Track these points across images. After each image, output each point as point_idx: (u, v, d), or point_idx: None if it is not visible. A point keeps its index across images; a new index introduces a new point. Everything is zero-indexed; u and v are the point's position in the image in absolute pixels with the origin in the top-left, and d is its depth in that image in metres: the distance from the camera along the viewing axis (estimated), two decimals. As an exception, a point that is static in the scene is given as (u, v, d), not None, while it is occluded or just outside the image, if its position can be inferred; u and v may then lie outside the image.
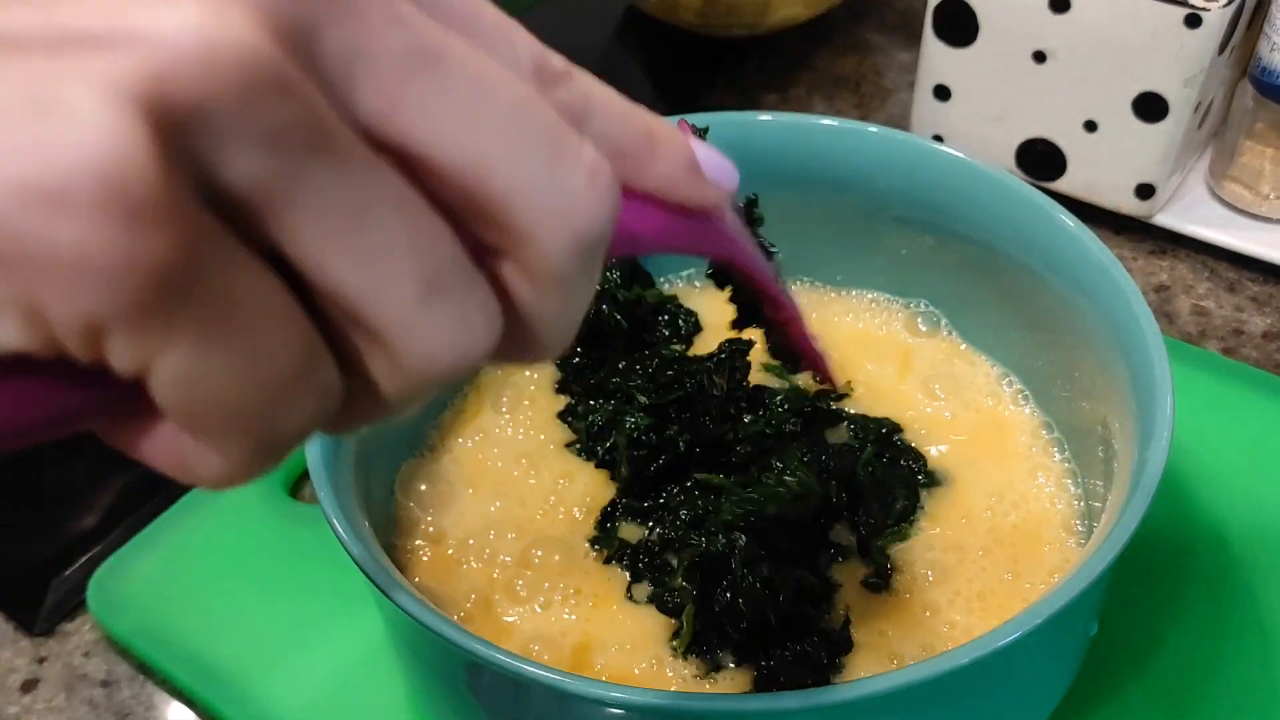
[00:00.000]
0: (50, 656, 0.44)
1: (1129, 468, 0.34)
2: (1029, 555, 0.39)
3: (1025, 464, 0.42)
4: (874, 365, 0.45)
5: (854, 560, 0.39)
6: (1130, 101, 0.53)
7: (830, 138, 0.45)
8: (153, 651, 0.43)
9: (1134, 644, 0.40)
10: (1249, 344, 0.53)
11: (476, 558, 0.40)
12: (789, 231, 0.47)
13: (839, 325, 0.47)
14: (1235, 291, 0.55)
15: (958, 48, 0.57)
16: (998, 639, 0.29)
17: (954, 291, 0.46)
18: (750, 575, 0.36)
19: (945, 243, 0.45)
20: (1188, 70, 0.51)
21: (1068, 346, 0.41)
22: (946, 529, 0.40)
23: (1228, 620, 0.41)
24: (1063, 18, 0.53)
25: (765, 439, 0.41)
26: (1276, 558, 0.42)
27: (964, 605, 0.38)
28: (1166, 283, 0.56)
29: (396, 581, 0.32)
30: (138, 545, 0.46)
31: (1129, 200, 0.56)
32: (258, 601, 0.44)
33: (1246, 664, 0.40)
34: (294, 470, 0.48)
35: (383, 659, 0.41)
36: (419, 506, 0.42)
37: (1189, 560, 0.43)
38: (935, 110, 0.59)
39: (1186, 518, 0.44)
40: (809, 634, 0.36)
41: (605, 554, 0.40)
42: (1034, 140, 0.57)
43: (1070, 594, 0.29)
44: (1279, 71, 0.53)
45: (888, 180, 0.45)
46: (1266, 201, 0.56)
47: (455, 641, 0.30)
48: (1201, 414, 0.46)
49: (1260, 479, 0.45)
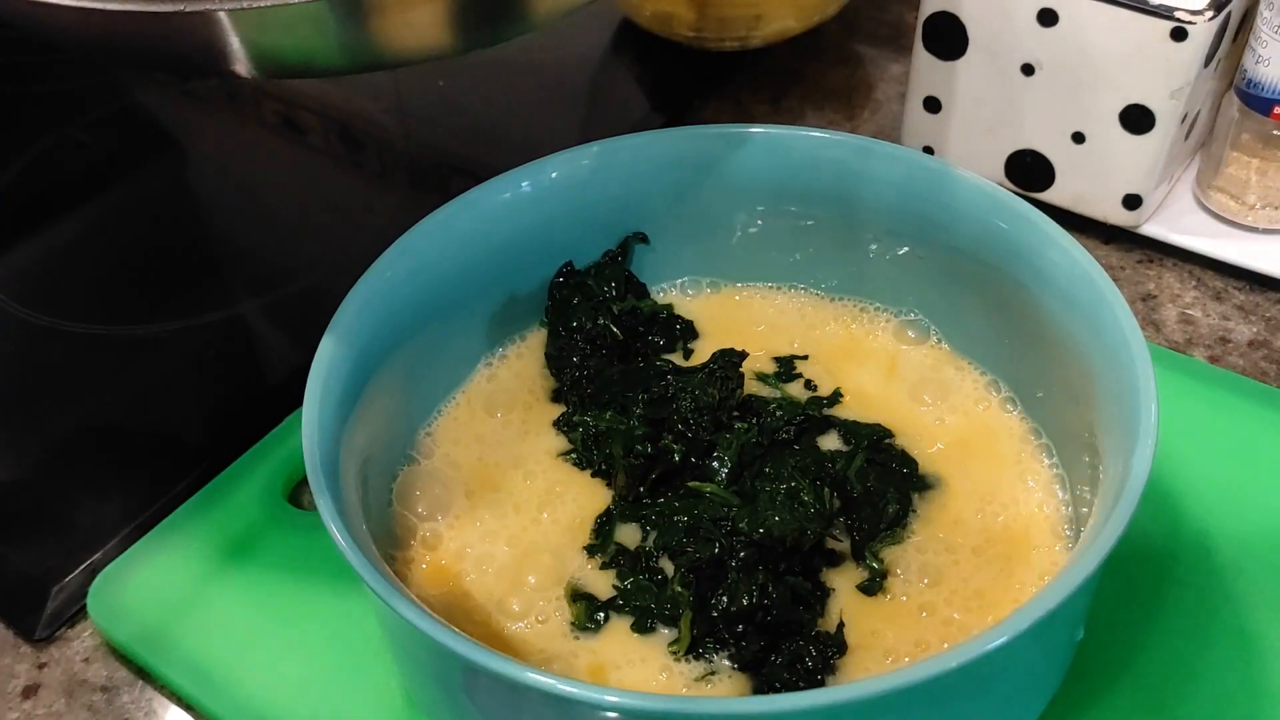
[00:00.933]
0: (50, 662, 0.45)
1: (1114, 475, 0.35)
2: (1020, 557, 0.40)
3: (1014, 469, 0.42)
4: (863, 372, 0.46)
5: (848, 564, 0.40)
6: (1117, 114, 0.54)
7: (821, 149, 0.46)
8: (152, 657, 0.43)
9: (1119, 649, 0.41)
10: (1235, 352, 0.54)
11: (473, 567, 0.40)
12: (780, 240, 0.48)
13: (828, 333, 0.48)
14: (1222, 300, 0.56)
15: (947, 60, 0.57)
16: (983, 645, 0.29)
17: (943, 300, 0.46)
18: (746, 580, 0.37)
19: (934, 252, 0.45)
20: (1174, 83, 0.52)
21: (1054, 355, 0.41)
22: (938, 531, 0.41)
23: (1212, 626, 0.41)
24: (1050, 31, 0.53)
25: (759, 447, 0.42)
26: (1261, 564, 0.43)
27: (961, 604, 0.38)
28: (1154, 291, 0.57)
29: (394, 589, 0.32)
30: (138, 552, 0.46)
31: (1117, 211, 0.57)
32: (257, 608, 0.44)
33: (1230, 669, 0.40)
34: (293, 477, 0.48)
35: (381, 666, 0.41)
36: (415, 515, 0.42)
37: (1174, 566, 0.43)
38: (925, 122, 0.60)
39: (1172, 524, 0.44)
40: (804, 637, 0.37)
41: (601, 560, 0.40)
42: (1023, 151, 0.58)
43: (1054, 600, 0.30)
44: (1264, 84, 0.53)
45: (878, 191, 0.45)
46: (1252, 211, 0.57)
47: (452, 647, 0.30)
48: (1187, 421, 0.47)
49: (1245, 486, 0.45)
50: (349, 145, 0.69)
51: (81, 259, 0.63)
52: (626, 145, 0.46)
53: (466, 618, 0.39)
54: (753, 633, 0.37)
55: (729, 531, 0.38)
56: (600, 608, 0.39)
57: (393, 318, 0.42)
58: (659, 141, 0.46)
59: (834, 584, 0.39)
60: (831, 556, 0.40)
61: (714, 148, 0.47)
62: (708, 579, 0.38)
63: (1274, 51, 0.52)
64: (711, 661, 0.37)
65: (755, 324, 0.48)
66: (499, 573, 0.40)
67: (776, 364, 0.46)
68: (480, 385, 0.46)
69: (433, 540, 0.41)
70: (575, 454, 0.43)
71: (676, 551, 0.39)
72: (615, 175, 0.46)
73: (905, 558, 0.40)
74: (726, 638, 0.37)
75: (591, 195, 0.46)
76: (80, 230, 0.65)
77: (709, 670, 0.37)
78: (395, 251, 0.42)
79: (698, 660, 0.37)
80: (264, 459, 0.49)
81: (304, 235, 0.63)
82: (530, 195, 0.45)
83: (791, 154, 0.46)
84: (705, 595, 0.37)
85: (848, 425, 0.43)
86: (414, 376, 0.44)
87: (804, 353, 0.47)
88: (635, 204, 0.47)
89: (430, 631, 0.31)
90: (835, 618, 0.38)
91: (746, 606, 0.36)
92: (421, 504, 0.42)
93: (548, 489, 0.43)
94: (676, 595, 0.38)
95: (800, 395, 0.45)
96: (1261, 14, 0.52)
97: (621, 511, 0.41)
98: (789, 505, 0.39)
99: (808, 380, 0.46)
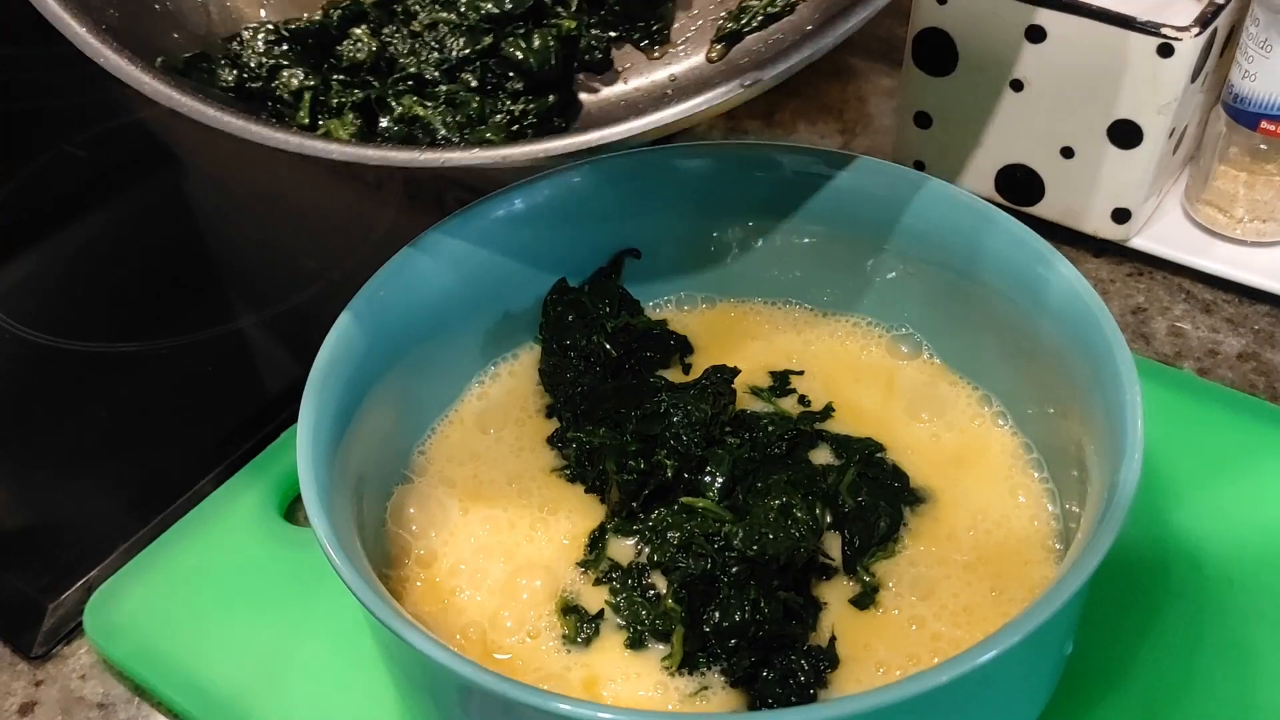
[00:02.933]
0: (47, 680, 0.45)
1: (1102, 489, 0.35)
2: (1011, 573, 0.40)
3: (1006, 484, 0.43)
4: (857, 387, 0.46)
5: (840, 578, 0.40)
6: (1105, 129, 0.54)
7: (814, 165, 0.46)
8: (149, 674, 0.43)
9: (1110, 661, 0.41)
10: (1224, 364, 0.54)
11: (468, 584, 0.41)
12: (774, 256, 0.48)
13: (822, 349, 0.48)
14: (1211, 313, 0.57)
15: (938, 76, 0.58)
16: (972, 659, 0.30)
17: (935, 316, 0.47)
18: (738, 596, 0.37)
19: (926, 268, 0.46)
20: (1161, 98, 0.53)
21: (1044, 370, 0.42)
22: (930, 545, 0.41)
23: (1202, 638, 0.42)
24: (1038, 47, 0.54)
25: (751, 462, 0.42)
26: (1250, 576, 0.43)
27: (951, 618, 0.39)
28: (1144, 304, 0.57)
29: (389, 606, 0.33)
30: (134, 569, 0.46)
31: (1106, 224, 0.57)
32: (253, 624, 0.44)
33: (1221, 680, 0.41)
34: (289, 493, 0.49)
35: (378, 683, 0.42)
36: (409, 533, 0.42)
37: (1164, 579, 0.43)
38: (916, 137, 0.60)
39: (1162, 537, 0.45)
40: (796, 652, 0.37)
41: (594, 576, 0.41)
42: (1013, 166, 0.58)
43: (1042, 615, 0.30)
44: (1250, 98, 0.54)
45: (870, 208, 0.46)
46: (1241, 224, 0.57)
47: (447, 665, 0.31)
48: (1177, 434, 0.47)
49: (1234, 498, 0.46)
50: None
51: (77, 276, 0.63)
52: (619, 163, 0.46)
53: (462, 633, 0.39)
54: (745, 648, 0.37)
55: (722, 547, 0.39)
56: (589, 620, 0.39)
57: (387, 336, 0.42)
58: (651, 158, 0.47)
59: (826, 598, 0.40)
60: (824, 570, 0.40)
61: (706, 164, 0.47)
62: (700, 594, 0.38)
63: (1260, 66, 0.53)
64: (704, 676, 0.38)
65: (751, 339, 0.48)
66: (493, 589, 0.41)
67: (771, 378, 0.47)
68: (473, 403, 0.46)
69: (427, 558, 0.42)
70: (569, 470, 0.44)
71: (669, 567, 0.39)
72: (608, 192, 0.46)
73: (897, 571, 0.40)
74: (719, 653, 0.37)
75: (585, 212, 0.46)
76: (76, 247, 0.65)
77: (702, 685, 0.37)
78: (389, 270, 0.43)
79: (691, 676, 0.38)
80: (259, 475, 0.49)
81: (299, 251, 0.63)
82: (523, 213, 0.45)
83: (783, 171, 0.47)
84: (698, 611, 0.38)
85: (840, 440, 0.44)
86: (408, 394, 0.44)
87: (799, 368, 0.47)
88: (628, 221, 0.47)
89: (425, 650, 0.31)
90: (827, 632, 0.38)
91: (739, 622, 0.37)
92: (416, 521, 0.43)
93: (541, 505, 0.43)
94: (669, 611, 0.38)
95: (793, 409, 0.45)
96: (1247, 29, 0.53)
97: (615, 527, 0.41)
98: (782, 522, 0.39)
99: (801, 395, 0.46)
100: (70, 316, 0.60)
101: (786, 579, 0.39)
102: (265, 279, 0.62)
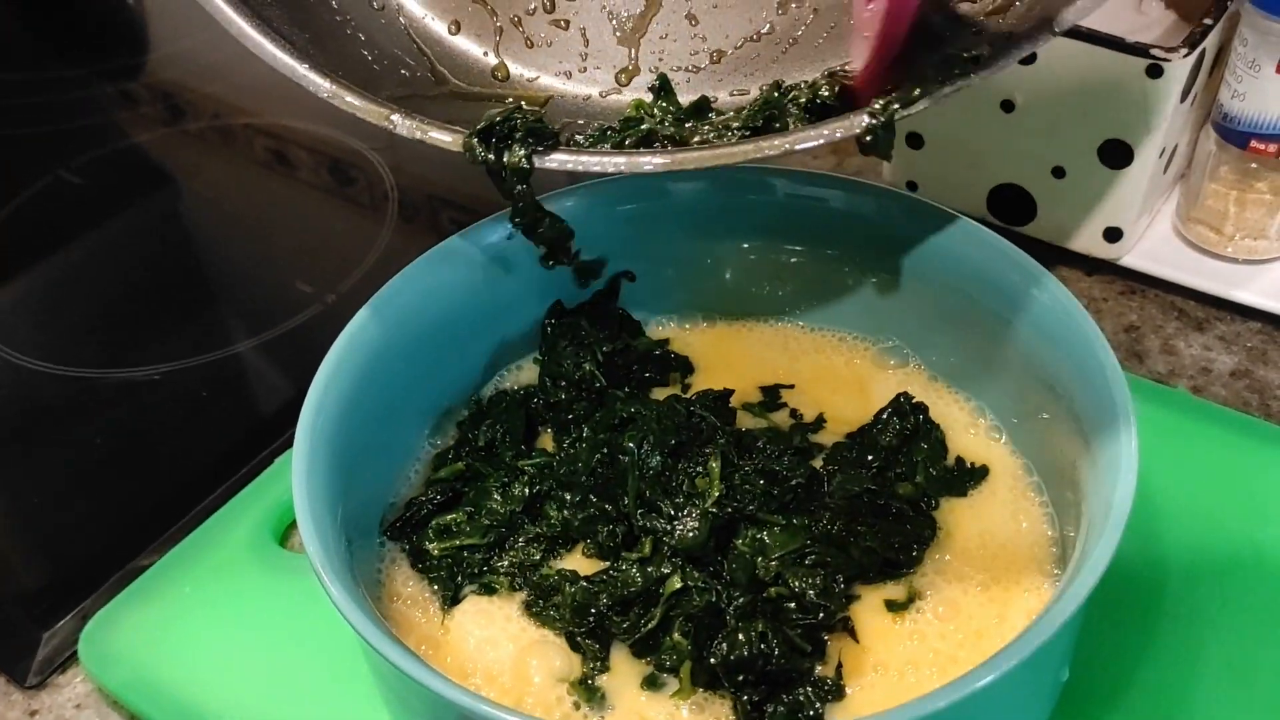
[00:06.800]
0: (42, 709, 0.45)
1: (1095, 510, 0.35)
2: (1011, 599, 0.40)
3: (1009, 507, 0.42)
4: (844, 400, 0.46)
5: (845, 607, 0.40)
6: (1096, 149, 0.55)
7: (805, 186, 0.46)
8: (144, 704, 0.43)
9: (1108, 680, 0.41)
10: (1217, 382, 0.54)
11: (465, 601, 0.41)
12: (766, 275, 0.49)
13: (810, 363, 0.48)
14: (1203, 331, 0.57)
15: (929, 97, 0.58)
16: (968, 685, 0.30)
17: (926, 333, 0.47)
18: (745, 629, 0.37)
19: (918, 287, 0.46)
20: (1151, 118, 0.53)
21: (1037, 390, 0.42)
22: (933, 571, 0.41)
23: (1198, 657, 0.42)
24: (1029, 69, 0.54)
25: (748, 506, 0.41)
26: (1246, 595, 0.43)
27: (957, 641, 0.38)
28: (1136, 323, 0.57)
29: (384, 634, 0.33)
30: (129, 597, 0.46)
31: (1098, 243, 0.58)
32: (249, 652, 0.44)
33: (1217, 701, 0.40)
34: (283, 519, 0.48)
35: (373, 709, 0.41)
36: (402, 555, 0.42)
37: (1160, 598, 0.43)
38: (908, 157, 0.61)
39: (1157, 556, 0.45)
40: (802, 683, 0.37)
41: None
42: (1004, 186, 0.59)
43: (1037, 641, 0.30)
44: (1240, 118, 0.54)
45: (861, 227, 0.46)
46: (1231, 243, 0.57)
47: (444, 694, 0.30)
48: (1171, 452, 0.47)
49: (1229, 516, 0.46)
50: (340, 180, 0.70)
51: (72, 302, 0.63)
52: (612, 185, 0.46)
53: (454, 659, 0.39)
54: (752, 681, 0.37)
55: (728, 584, 0.38)
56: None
57: (382, 360, 0.42)
58: (645, 180, 0.47)
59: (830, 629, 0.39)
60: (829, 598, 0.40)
61: (699, 185, 0.47)
62: (705, 628, 0.38)
63: (1249, 86, 0.53)
64: (713, 707, 0.37)
65: (748, 356, 0.48)
66: (489, 602, 0.40)
67: (762, 393, 0.47)
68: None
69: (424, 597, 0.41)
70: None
71: (676, 601, 0.39)
72: (602, 214, 0.47)
73: (900, 598, 0.40)
74: (726, 686, 0.37)
75: (580, 234, 0.47)
76: (71, 273, 0.65)
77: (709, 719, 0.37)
78: (385, 294, 0.43)
79: (699, 709, 0.37)
80: (254, 502, 0.49)
81: (295, 274, 0.63)
82: (519, 237, 0.45)
83: (776, 191, 0.47)
84: (704, 644, 0.37)
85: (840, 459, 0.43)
86: (404, 417, 0.44)
87: (789, 382, 0.47)
88: (623, 242, 0.47)
89: (421, 678, 0.31)
90: (834, 660, 0.38)
91: (746, 656, 0.36)
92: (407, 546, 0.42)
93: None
94: (675, 645, 0.38)
95: (784, 422, 0.45)
96: (1236, 49, 0.53)
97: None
98: (795, 568, 0.38)
99: (792, 409, 0.46)
100: (65, 342, 0.60)
101: (793, 613, 0.38)
102: (260, 303, 0.62)
